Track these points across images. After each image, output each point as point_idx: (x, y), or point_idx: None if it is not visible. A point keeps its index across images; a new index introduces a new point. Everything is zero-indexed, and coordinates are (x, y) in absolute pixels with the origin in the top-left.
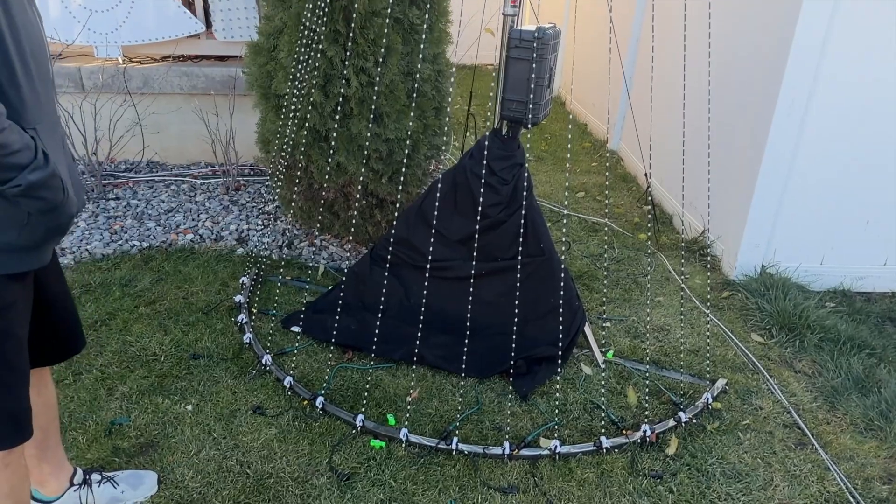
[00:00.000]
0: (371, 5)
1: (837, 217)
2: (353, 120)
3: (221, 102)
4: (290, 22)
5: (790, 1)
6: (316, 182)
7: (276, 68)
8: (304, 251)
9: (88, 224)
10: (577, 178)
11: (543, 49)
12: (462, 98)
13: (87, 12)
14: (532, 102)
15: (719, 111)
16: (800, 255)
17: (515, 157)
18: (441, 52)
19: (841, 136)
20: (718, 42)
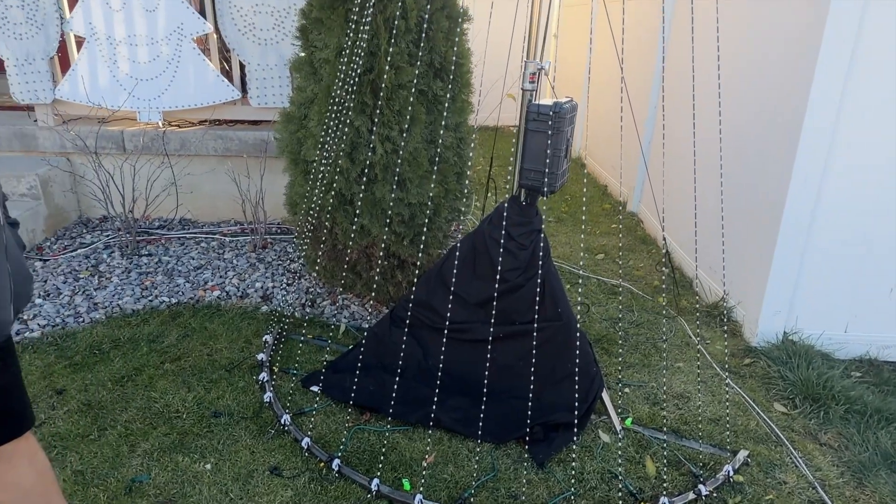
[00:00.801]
0: (397, 78)
1: (860, 284)
2: (378, 185)
3: (252, 164)
4: (320, 94)
5: (803, 69)
6: (340, 243)
7: (306, 136)
8: (327, 309)
9: (121, 279)
10: (596, 239)
11: (560, 122)
12: (484, 159)
13: (133, 81)
14: (549, 172)
15: (735, 177)
16: (823, 323)
17: (533, 224)
18: (463, 121)
19: (860, 202)
20: (732, 110)
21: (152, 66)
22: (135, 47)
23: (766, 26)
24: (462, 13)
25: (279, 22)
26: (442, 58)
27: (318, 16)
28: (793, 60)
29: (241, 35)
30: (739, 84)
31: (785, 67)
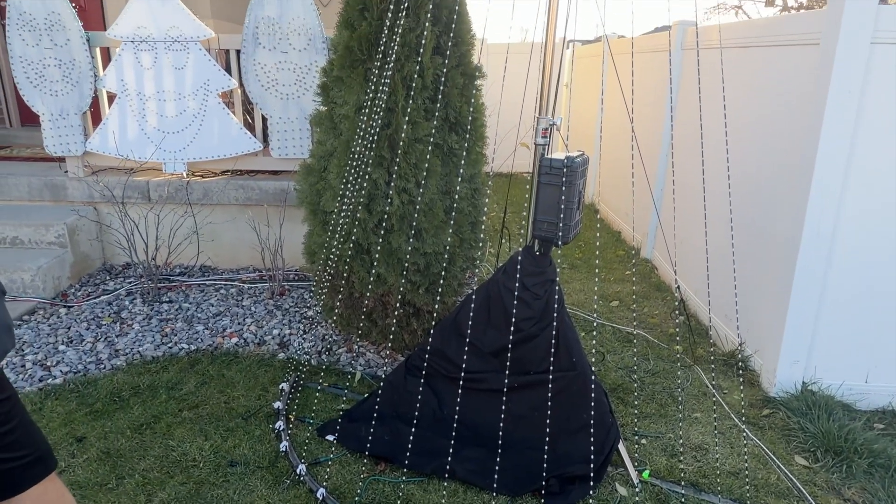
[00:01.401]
0: (414, 133)
1: (879, 333)
2: (394, 235)
3: (272, 213)
4: (339, 147)
5: (812, 115)
6: (357, 291)
7: (325, 188)
8: (343, 357)
9: (142, 326)
10: (610, 286)
11: (572, 176)
12: (498, 206)
13: (161, 134)
14: (562, 224)
15: (748, 225)
16: (842, 372)
17: (547, 274)
18: (477, 172)
19: (875, 249)
20: (742, 158)
21: (179, 119)
22: (163, 102)
23: (774, 79)
24: (476, 70)
25: (300, 78)
26: (457, 113)
27: (339, 74)
28: (801, 109)
29: (264, 90)
30: (749, 133)
31: (793, 116)
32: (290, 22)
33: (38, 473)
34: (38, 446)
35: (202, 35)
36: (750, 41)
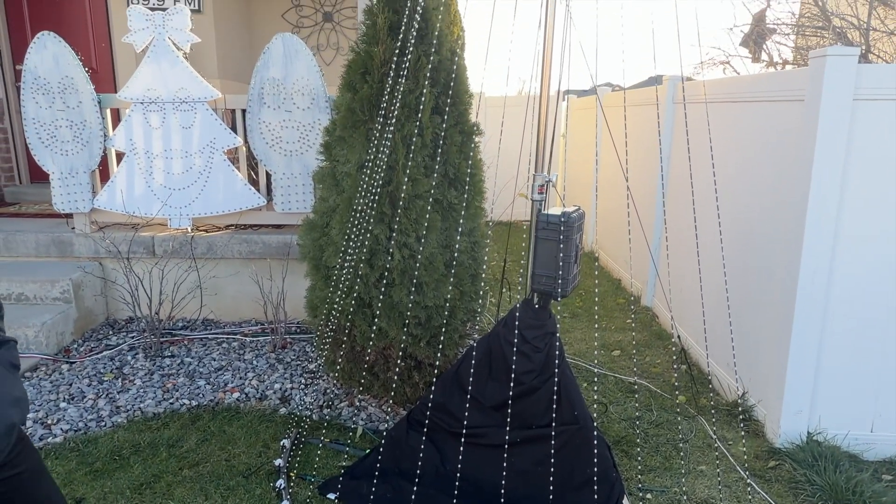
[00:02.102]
0: (414, 189)
1: (882, 381)
2: (395, 289)
3: (275, 265)
4: (342, 204)
5: (802, 160)
6: (358, 345)
7: (328, 243)
8: (344, 411)
9: (144, 382)
10: (612, 335)
11: (569, 230)
12: (498, 255)
13: (167, 191)
14: (561, 277)
15: (744, 274)
16: (847, 422)
17: (547, 327)
18: (476, 226)
19: (872, 296)
20: (735, 208)
21: (185, 176)
22: (170, 160)
23: (763, 133)
24: (474, 128)
25: (304, 135)
26: (456, 169)
27: (342, 134)
28: (790, 162)
29: (268, 147)
30: (741, 185)
31: (783, 170)
32: (294, 82)
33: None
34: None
35: (209, 96)
36: (738, 96)
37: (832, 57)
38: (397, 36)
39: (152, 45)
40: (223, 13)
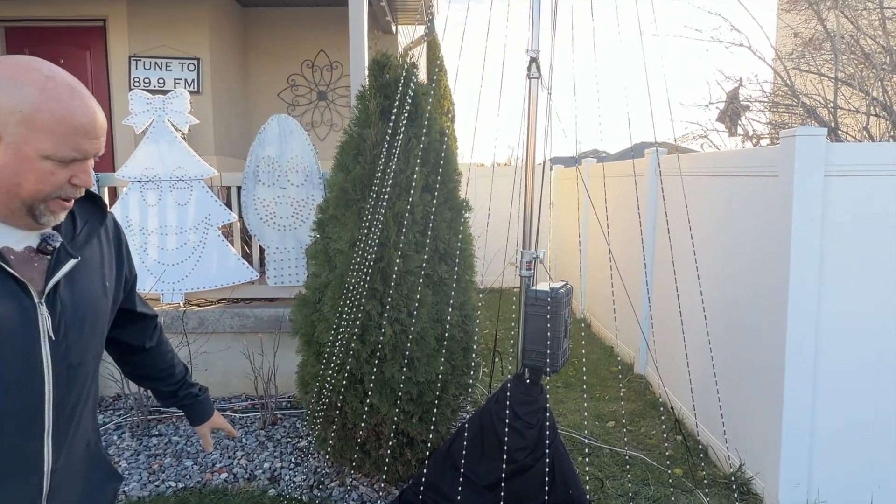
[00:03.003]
0: (405, 265)
1: (876, 453)
2: (387, 364)
3: (266, 339)
4: (334, 281)
5: (781, 243)
6: (350, 422)
7: (320, 319)
8: (335, 491)
9: (129, 464)
10: (606, 405)
11: (557, 307)
12: (490, 322)
13: (161, 267)
14: (550, 352)
15: (731, 346)
16: (845, 494)
17: (539, 402)
18: (467, 300)
19: (861, 367)
20: (720, 280)
21: (180, 252)
22: (165, 236)
23: (743, 206)
24: (463, 204)
25: (297, 210)
26: (446, 244)
27: (334, 213)
28: (770, 234)
29: (262, 223)
30: (725, 256)
31: (764, 241)
32: (288, 160)
33: None
34: None
35: (206, 174)
36: (717, 171)
37: (801, 137)
38: (388, 119)
39: (152, 127)
40: (221, 93)
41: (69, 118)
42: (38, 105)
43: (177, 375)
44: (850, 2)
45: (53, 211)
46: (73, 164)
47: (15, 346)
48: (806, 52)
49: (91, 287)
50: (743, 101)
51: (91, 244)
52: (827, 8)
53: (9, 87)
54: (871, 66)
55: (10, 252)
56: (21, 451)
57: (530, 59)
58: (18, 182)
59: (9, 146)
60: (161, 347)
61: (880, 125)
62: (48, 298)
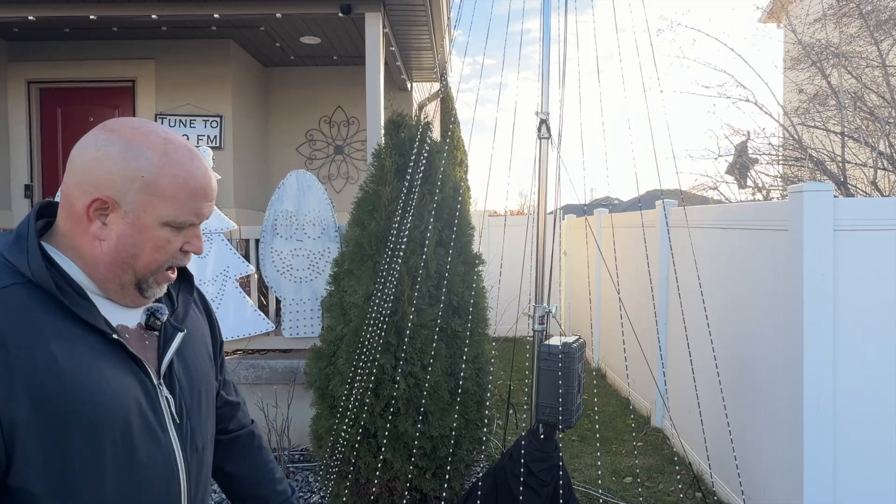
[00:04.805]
0: (419, 319)
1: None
2: (401, 418)
3: (281, 391)
4: (349, 334)
5: (793, 296)
6: (363, 477)
7: (334, 372)
8: None
9: None
10: (622, 460)
11: (570, 361)
12: (504, 373)
13: None
14: (563, 408)
15: (749, 402)
16: None
17: (553, 459)
18: (481, 353)
19: (878, 423)
20: (734, 335)
21: None
22: None
23: (753, 258)
24: (476, 258)
25: (314, 263)
26: (459, 298)
27: (350, 267)
28: (782, 287)
29: (279, 274)
30: (738, 310)
31: (777, 294)
32: (306, 214)
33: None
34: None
35: (226, 227)
36: (726, 223)
37: (809, 192)
38: (403, 177)
39: None
40: (242, 148)
41: (191, 182)
42: (160, 170)
43: (280, 495)
44: (853, 59)
45: (160, 283)
46: (187, 230)
47: (152, 435)
48: (811, 108)
49: (200, 361)
50: (751, 155)
51: (189, 315)
52: (830, 65)
53: (127, 152)
54: (875, 120)
55: (125, 330)
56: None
57: (540, 121)
58: (135, 253)
59: (127, 215)
60: (260, 454)
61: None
62: (165, 378)
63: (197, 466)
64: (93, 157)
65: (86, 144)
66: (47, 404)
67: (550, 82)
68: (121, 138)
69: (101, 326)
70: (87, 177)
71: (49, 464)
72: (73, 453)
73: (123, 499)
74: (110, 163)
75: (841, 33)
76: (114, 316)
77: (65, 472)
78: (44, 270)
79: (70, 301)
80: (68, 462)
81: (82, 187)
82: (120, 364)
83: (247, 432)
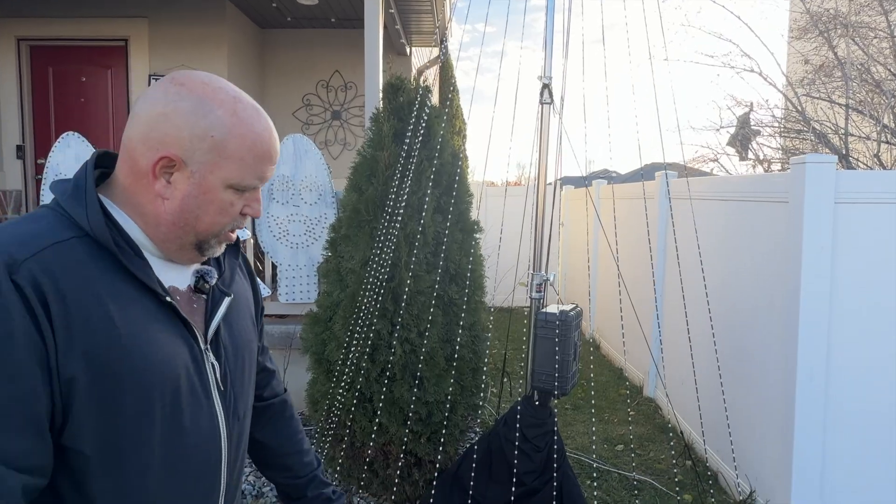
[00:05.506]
0: (416, 285)
1: (889, 482)
2: (397, 384)
3: (276, 356)
4: (345, 300)
5: (791, 268)
6: (358, 441)
7: (330, 338)
8: None
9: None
10: (614, 428)
11: (566, 329)
12: (500, 342)
13: None
14: (559, 375)
15: (742, 373)
16: None
17: (547, 425)
18: (477, 320)
19: (872, 400)
20: (731, 305)
21: None
22: None
23: (753, 230)
24: (474, 225)
25: (310, 228)
26: (457, 265)
27: (347, 233)
28: (780, 259)
29: (275, 240)
30: (736, 281)
31: (774, 266)
32: (302, 179)
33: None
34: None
35: None
36: (727, 195)
37: (811, 164)
38: (402, 141)
39: None
40: None
41: (259, 144)
42: (230, 130)
43: (306, 466)
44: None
45: (221, 243)
46: (248, 193)
47: (197, 401)
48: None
49: (245, 327)
50: (754, 126)
51: (235, 279)
52: (838, 35)
53: (198, 109)
54: (881, 93)
55: (175, 292)
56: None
57: (543, 86)
58: (198, 215)
59: (193, 174)
60: (290, 424)
61: (892, 152)
62: (212, 344)
63: (238, 434)
64: (161, 111)
65: (153, 97)
66: (101, 364)
67: (554, 48)
68: (191, 94)
69: (155, 287)
70: (153, 132)
71: (99, 425)
72: (123, 415)
73: (168, 466)
74: (180, 119)
75: (850, 3)
76: (166, 277)
77: (114, 434)
78: (103, 226)
79: (127, 259)
80: (117, 424)
81: (148, 143)
82: (171, 327)
83: (279, 401)
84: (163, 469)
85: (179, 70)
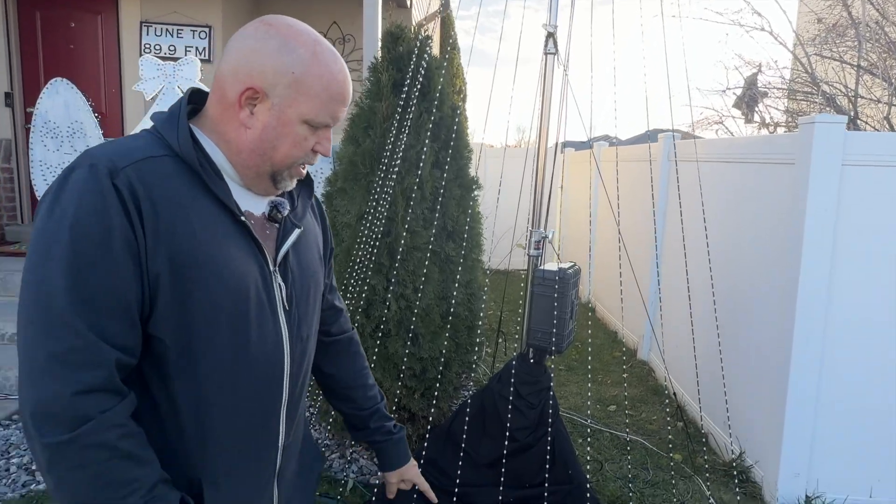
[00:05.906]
0: (412, 241)
1: (879, 445)
2: (391, 340)
3: None
4: (341, 255)
5: (793, 230)
6: None
7: None
8: (335, 463)
9: None
10: (607, 389)
11: (564, 287)
12: (495, 304)
13: None
14: (556, 332)
15: (738, 335)
16: (846, 486)
17: (542, 382)
18: (473, 278)
19: (866, 360)
20: (730, 267)
21: None
22: None
23: (756, 193)
24: (473, 182)
25: None
26: (454, 222)
27: (343, 186)
28: (783, 222)
29: None
30: (736, 243)
31: (776, 229)
32: None
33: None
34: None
35: None
36: (732, 157)
37: (820, 124)
38: (400, 93)
39: (161, 94)
40: None
41: (333, 84)
42: (308, 69)
43: (369, 400)
44: None
45: (292, 177)
46: (320, 131)
47: (264, 313)
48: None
49: (312, 259)
50: (761, 88)
51: (307, 216)
52: None
53: (283, 47)
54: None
55: (250, 216)
56: (266, 426)
57: (547, 34)
58: (275, 145)
59: (273, 107)
60: (356, 360)
61: None
62: (280, 267)
63: (300, 354)
64: (251, 47)
65: (245, 35)
66: (180, 267)
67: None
68: (279, 33)
69: (231, 206)
70: (242, 66)
71: (177, 321)
72: (195, 318)
73: (236, 374)
74: (266, 55)
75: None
76: (243, 202)
77: (188, 333)
78: (190, 147)
79: (209, 178)
80: (191, 324)
81: (237, 75)
82: (244, 245)
83: (346, 338)
84: (230, 373)
85: (272, 15)
